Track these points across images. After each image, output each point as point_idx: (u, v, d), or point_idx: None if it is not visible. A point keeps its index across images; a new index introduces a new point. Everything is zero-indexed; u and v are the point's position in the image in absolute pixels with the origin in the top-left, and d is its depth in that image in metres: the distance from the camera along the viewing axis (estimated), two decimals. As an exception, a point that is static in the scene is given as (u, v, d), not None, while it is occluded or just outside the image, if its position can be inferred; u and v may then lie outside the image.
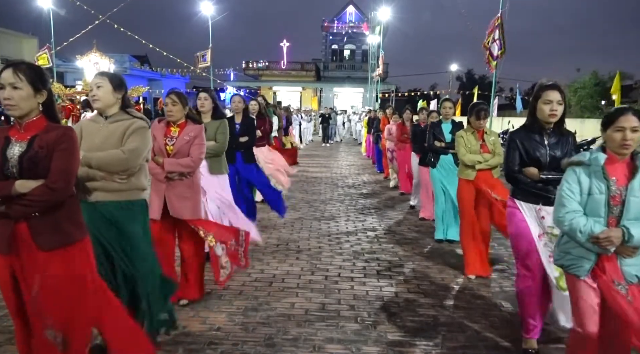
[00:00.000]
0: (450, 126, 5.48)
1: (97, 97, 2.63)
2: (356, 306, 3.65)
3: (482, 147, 4.27)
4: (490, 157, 4.24)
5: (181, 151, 3.35)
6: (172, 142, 3.36)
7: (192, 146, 3.36)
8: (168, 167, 3.30)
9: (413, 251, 5.18)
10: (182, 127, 3.41)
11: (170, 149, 3.36)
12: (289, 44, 45.48)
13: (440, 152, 5.45)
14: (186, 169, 3.35)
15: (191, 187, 3.44)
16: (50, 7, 21.82)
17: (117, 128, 2.62)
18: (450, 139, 5.29)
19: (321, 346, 3.01)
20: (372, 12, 36.78)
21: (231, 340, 3.05)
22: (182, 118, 3.41)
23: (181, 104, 3.38)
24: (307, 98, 43.84)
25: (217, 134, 4.20)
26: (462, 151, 4.26)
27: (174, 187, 3.37)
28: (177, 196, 3.37)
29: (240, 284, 4.03)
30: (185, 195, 3.39)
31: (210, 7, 25.25)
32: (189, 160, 3.34)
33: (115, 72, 2.72)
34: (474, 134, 4.31)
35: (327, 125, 22.04)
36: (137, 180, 2.66)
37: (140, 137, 2.61)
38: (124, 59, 41.83)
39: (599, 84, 21.42)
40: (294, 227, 6.07)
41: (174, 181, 3.35)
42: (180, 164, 3.32)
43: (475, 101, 4.14)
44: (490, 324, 3.38)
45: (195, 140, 3.38)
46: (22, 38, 37.33)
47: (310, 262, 4.67)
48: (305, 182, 9.97)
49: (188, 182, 3.41)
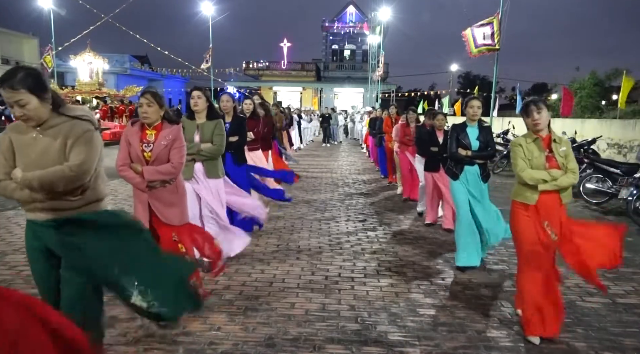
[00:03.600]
0: (477, 130, 4.55)
1: (21, 112, 2.09)
2: (356, 306, 3.65)
3: (549, 161, 3.15)
4: (560, 174, 3.11)
5: (160, 157, 3.14)
6: (150, 148, 3.14)
7: (172, 150, 3.15)
8: (148, 176, 3.10)
9: (413, 251, 5.18)
10: (159, 129, 3.18)
11: (148, 156, 3.13)
12: (289, 44, 45.59)
13: (467, 162, 4.54)
14: (167, 177, 3.17)
15: (176, 192, 3.28)
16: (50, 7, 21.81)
17: (55, 137, 2.15)
18: (477, 146, 4.49)
19: (321, 346, 3.01)
20: (372, 12, 36.82)
21: (231, 340, 3.05)
22: (158, 120, 3.19)
23: (157, 105, 3.14)
24: (308, 98, 43.87)
25: (214, 136, 4.04)
26: (520, 164, 3.17)
27: (159, 194, 3.19)
28: (163, 204, 3.21)
29: (240, 284, 4.03)
30: (171, 201, 3.24)
31: (210, 7, 25.28)
32: (170, 167, 3.13)
33: (29, 66, 2.21)
34: (538, 141, 3.19)
35: (328, 125, 22.04)
36: (94, 191, 2.28)
37: (86, 145, 2.17)
38: (124, 59, 41.92)
39: (598, 84, 21.41)
40: (294, 227, 6.07)
41: (156, 189, 3.18)
42: (160, 172, 3.13)
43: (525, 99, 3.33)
44: (490, 324, 3.38)
45: (174, 143, 3.15)
46: (22, 38, 37.37)
47: (311, 263, 4.67)
48: (306, 182, 9.97)
49: (172, 187, 3.24)
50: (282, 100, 38.78)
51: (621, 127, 11.20)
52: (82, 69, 21.42)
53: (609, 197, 7.69)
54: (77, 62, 21.67)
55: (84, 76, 21.88)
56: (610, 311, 3.64)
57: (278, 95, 44.92)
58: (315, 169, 12.35)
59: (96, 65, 21.33)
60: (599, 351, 3.02)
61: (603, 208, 7.75)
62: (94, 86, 21.70)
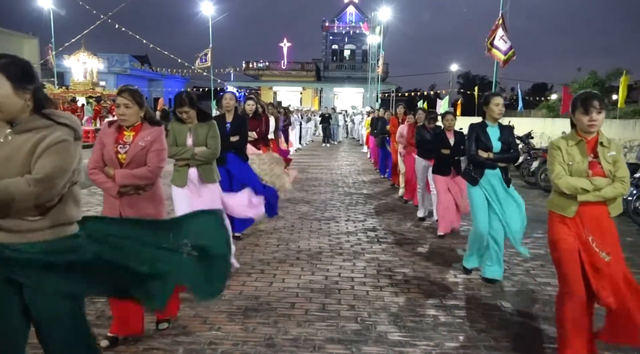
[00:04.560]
0: (498, 131, 4.14)
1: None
2: (356, 306, 3.65)
3: (592, 167, 2.68)
4: (606, 183, 2.66)
5: (136, 159, 2.80)
6: (125, 150, 2.81)
7: (150, 153, 2.82)
8: (120, 179, 2.76)
9: (413, 251, 5.18)
10: (138, 130, 2.86)
11: (122, 158, 2.80)
12: (289, 44, 45.59)
13: (488, 165, 4.13)
14: (142, 182, 2.82)
15: (152, 200, 2.92)
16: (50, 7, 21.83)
17: (26, 142, 1.76)
18: (499, 147, 4.09)
19: (321, 346, 3.01)
20: (372, 12, 36.82)
21: (231, 340, 3.05)
22: (138, 121, 2.87)
23: (137, 106, 2.82)
24: (307, 98, 43.90)
25: (209, 139, 3.81)
26: (556, 170, 2.73)
27: (132, 202, 2.85)
28: (137, 213, 2.85)
29: (240, 284, 4.03)
30: (146, 210, 2.88)
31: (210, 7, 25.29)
32: (146, 170, 2.80)
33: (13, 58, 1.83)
34: (581, 145, 2.72)
35: (328, 125, 22.04)
36: (60, 213, 1.84)
37: (56, 156, 1.76)
38: (124, 59, 41.96)
39: (597, 83, 21.41)
40: (294, 228, 6.07)
41: (130, 195, 2.83)
42: (134, 175, 2.78)
43: (580, 91, 2.86)
44: (490, 324, 3.38)
45: (153, 145, 2.84)
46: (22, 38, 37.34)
47: (311, 263, 4.67)
48: (306, 182, 9.98)
49: (148, 195, 2.90)
50: (282, 100, 38.81)
51: (621, 127, 11.20)
52: (76, 68, 21.40)
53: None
54: (71, 62, 21.67)
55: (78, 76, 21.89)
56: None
57: (278, 95, 44.93)
58: (315, 169, 12.35)
59: (90, 65, 21.28)
60: (599, 351, 3.02)
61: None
62: (87, 86, 21.70)
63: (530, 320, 3.45)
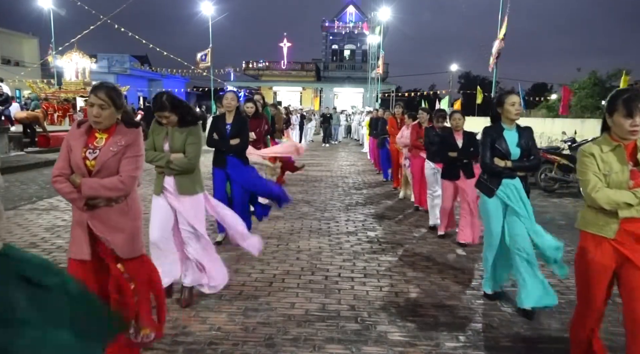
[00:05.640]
0: (517, 134, 3.58)
1: None
2: (356, 306, 3.65)
3: (634, 176, 2.30)
4: None
5: (107, 167, 2.43)
6: (95, 155, 2.43)
7: (123, 159, 2.46)
8: (86, 190, 2.38)
9: (413, 251, 5.18)
10: (111, 133, 2.50)
11: (90, 165, 2.43)
12: (289, 44, 45.60)
13: (506, 174, 3.59)
14: (113, 193, 2.44)
15: (126, 213, 2.54)
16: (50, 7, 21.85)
17: None
18: (518, 153, 3.55)
19: (321, 346, 3.01)
20: (372, 12, 36.85)
21: (231, 340, 3.05)
22: (113, 123, 2.52)
23: (114, 107, 2.46)
24: (307, 98, 43.92)
25: (187, 145, 3.30)
26: (591, 181, 2.33)
27: (102, 216, 2.48)
28: (108, 228, 2.49)
29: (240, 284, 4.03)
30: (119, 225, 2.51)
31: (210, 7, 25.30)
32: (117, 180, 2.43)
33: None
34: (618, 150, 2.33)
35: (328, 125, 22.05)
36: None
37: None
38: (124, 59, 41.97)
39: (597, 83, 21.41)
40: (294, 227, 6.07)
41: (99, 208, 2.47)
42: (103, 185, 2.40)
43: (619, 88, 2.55)
44: (490, 324, 3.38)
45: (127, 150, 2.47)
46: (22, 38, 37.40)
47: (311, 263, 4.67)
48: (305, 182, 9.98)
49: (121, 208, 2.52)
50: (282, 100, 38.82)
51: (621, 127, 11.19)
52: (69, 68, 21.38)
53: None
54: (63, 62, 21.66)
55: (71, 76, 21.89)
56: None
57: (278, 95, 44.95)
58: (315, 169, 12.35)
59: (82, 65, 21.24)
60: (599, 351, 3.02)
61: (603, 208, 7.74)
62: (79, 86, 21.68)
63: (531, 320, 3.45)
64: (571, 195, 8.90)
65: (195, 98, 53.18)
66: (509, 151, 3.53)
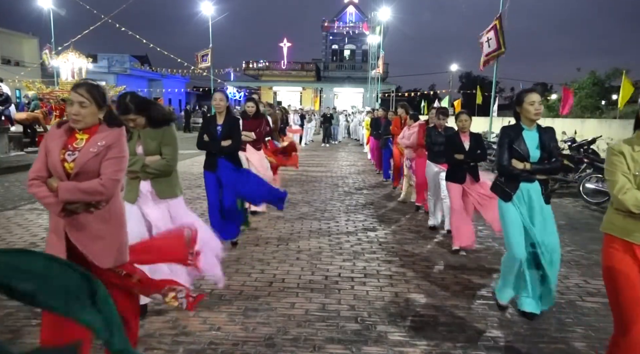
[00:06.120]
0: (537, 135, 3.35)
1: None
2: (356, 306, 3.65)
3: None
4: None
5: (87, 169, 2.26)
6: (73, 157, 2.27)
7: (105, 161, 2.28)
8: (63, 195, 2.20)
9: (413, 250, 5.18)
10: (92, 133, 2.34)
11: (69, 167, 2.26)
12: (289, 44, 45.61)
13: (524, 177, 3.34)
14: (93, 198, 2.26)
15: (107, 221, 2.35)
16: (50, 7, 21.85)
17: None
18: (538, 156, 3.31)
19: (321, 346, 3.01)
20: (372, 12, 36.85)
21: (231, 340, 3.05)
22: (95, 122, 2.36)
23: (95, 105, 2.32)
24: (308, 98, 43.94)
25: (163, 146, 3.15)
26: (620, 182, 2.23)
27: (81, 223, 2.29)
28: (87, 236, 2.30)
29: (240, 284, 4.03)
30: (99, 232, 2.32)
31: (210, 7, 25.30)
32: (97, 184, 2.24)
33: None
34: None
35: (329, 125, 22.07)
36: None
37: None
38: (124, 59, 41.95)
39: (597, 83, 21.44)
40: (294, 227, 6.07)
41: (77, 213, 2.27)
42: (82, 189, 2.22)
43: None
44: (490, 324, 3.38)
45: (108, 152, 2.29)
46: (22, 38, 37.41)
47: (311, 263, 4.67)
48: (305, 182, 9.97)
49: (101, 214, 2.33)
50: (282, 100, 38.84)
51: (621, 127, 11.21)
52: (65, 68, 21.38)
53: (609, 197, 7.68)
54: (58, 62, 21.66)
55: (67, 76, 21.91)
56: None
57: (278, 95, 44.97)
58: (315, 169, 12.35)
59: (78, 65, 21.22)
60: (599, 351, 3.02)
61: (603, 208, 7.76)
62: None
63: (531, 320, 3.44)
64: (571, 195, 8.90)
65: (195, 98, 53.21)
66: (528, 153, 3.30)
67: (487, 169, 10.35)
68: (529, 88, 3.50)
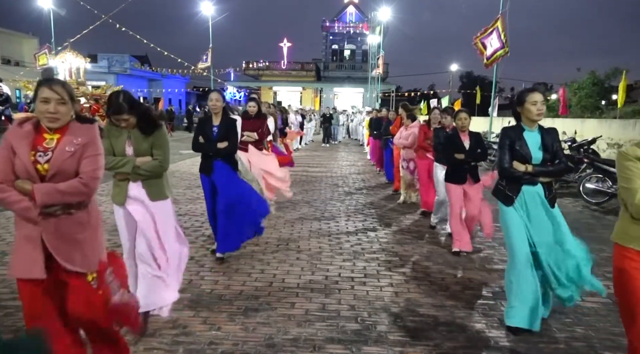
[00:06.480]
0: (539, 136, 3.23)
1: None
2: (356, 306, 3.65)
3: None
4: None
5: (63, 169, 2.13)
6: (47, 158, 2.12)
7: (83, 160, 2.17)
8: (42, 198, 2.06)
9: (413, 250, 5.18)
10: (64, 132, 2.20)
11: (43, 169, 2.11)
12: (289, 44, 45.61)
13: (527, 180, 3.21)
14: (75, 198, 2.15)
15: (87, 223, 2.25)
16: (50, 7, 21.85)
17: None
18: (540, 157, 3.19)
19: (321, 346, 3.01)
20: (372, 12, 36.86)
21: (231, 340, 3.05)
22: (68, 119, 2.23)
23: (71, 102, 2.20)
24: (308, 98, 43.94)
25: (154, 148, 3.07)
26: (634, 188, 2.05)
27: (58, 228, 2.15)
28: (65, 242, 2.17)
29: (240, 284, 4.03)
30: (78, 237, 2.20)
31: (210, 7, 25.31)
32: (78, 183, 2.13)
33: None
34: None
35: (329, 125, 22.07)
36: None
37: None
38: (124, 59, 41.94)
39: (596, 83, 21.44)
40: (294, 227, 6.07)
41: (56, 216, 2.14)
42: (62, 191, 2.09)
43: None
44: (490, 324, 3.38)
45: (86, 149, 2.19)
46: (22, 38, 37.43)
47: (311, 263, 4.67)
48: (305, 182, 9.98)
49: (81, 217, 2.22)
50: (282, 100, 38.83)
51: (621, 127, 11.22)
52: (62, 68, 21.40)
53: (609, 197, 7.70)
54: (55, 62, 21.66)
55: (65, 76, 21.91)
56: (610, 311, 3.64)
57: (278, 95, 44.97)
58: (316, 169, 12.35)
59: (76, 65, 21.23)
60: (599, 351, 3.02)
61: (603, 208, 7.76)
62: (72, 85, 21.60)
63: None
64: (571, 195, 8.90)
65: (195, 98, 53.19)
66: (530, 154, 3.17)
67: (487, 169, 10.36)
68: (531, 87, 3.35)
